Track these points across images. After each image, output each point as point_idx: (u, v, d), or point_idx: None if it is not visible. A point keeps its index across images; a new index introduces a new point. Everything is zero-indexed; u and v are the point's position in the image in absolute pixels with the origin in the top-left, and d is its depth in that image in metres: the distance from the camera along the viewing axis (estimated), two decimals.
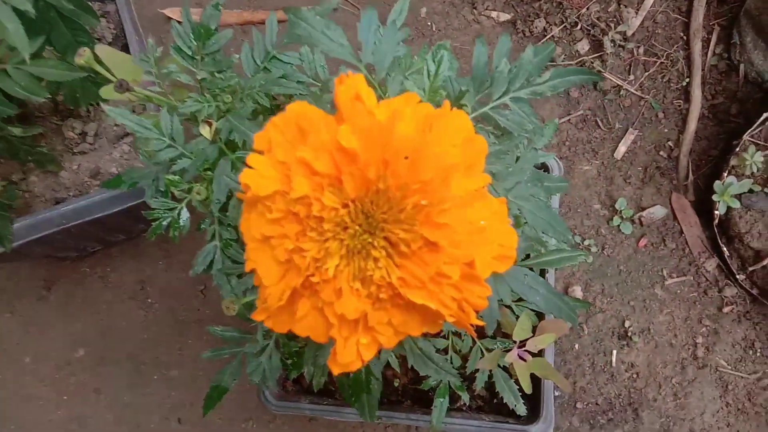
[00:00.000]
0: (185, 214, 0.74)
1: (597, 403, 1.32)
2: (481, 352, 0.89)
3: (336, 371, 0.47)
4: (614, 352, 1.34)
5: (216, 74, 0.74)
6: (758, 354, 1.32)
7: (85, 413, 1.37)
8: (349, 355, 0.45)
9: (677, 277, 1.38)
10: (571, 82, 0.67)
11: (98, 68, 0.70)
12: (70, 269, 1.42)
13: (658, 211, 1.41)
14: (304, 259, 0.43)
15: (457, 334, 0.90)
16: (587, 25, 1.50)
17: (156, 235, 0.76)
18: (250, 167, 0.43)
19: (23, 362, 1.40)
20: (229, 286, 0.74)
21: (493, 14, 1.52)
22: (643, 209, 1.41)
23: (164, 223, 0.73)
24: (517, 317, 0.87)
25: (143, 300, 1.41)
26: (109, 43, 1.10)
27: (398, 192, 0.42)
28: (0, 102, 0.82)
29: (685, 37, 1.50)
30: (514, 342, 0.86)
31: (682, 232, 1.40)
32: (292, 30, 0.58)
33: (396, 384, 1.06)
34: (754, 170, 1.28)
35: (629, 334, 1.34)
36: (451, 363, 0.90)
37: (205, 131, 0.73)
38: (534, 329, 0.87)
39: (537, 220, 0.65)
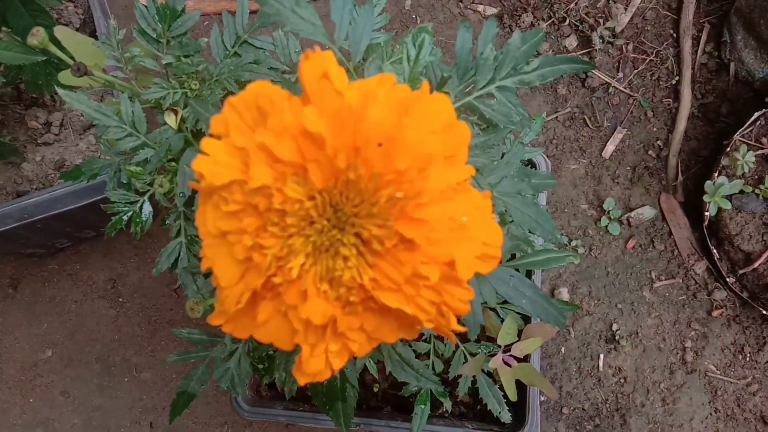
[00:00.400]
0: (147, 208, 0.69)
1: (584, 409, 1.28)
2: (465, 356, 0.85)
3: (302, 381, 0.42)
4: (601, 356, 1.30)
5: (182, 59, 0.69)
6: (748, 359, 1.29)
7: (51, 417, 1.32)
8: (317, 364, 0.41)
9: (666, 279, 1.34)
10: (561, 71, 0.63)
11: (54, 50, 0.64)
12: (38, 267, 1.36)
13: (646, 212, 1.38)
14: (264, 257, 0.38)
15: (440, 338, 0.86)
16: (575, 21, 1.47)
17: (117, 231, 0.71)
18: (204, 153, 0.38)
19: None
20: (195, 286, 0.69)
21: (480, 8, 1.47)
22: (632, 210, 1.38)
23: (125, 217, 0.68)
24: (502, 320, 0.83)
25: (114, 299, 1.36)
26: (77, 29, 1.05)
27: (371, 183, 0.38)
28: None
29: (674, 35, 1.47)
30: (499, 346, 0.82)
31: (671, 233, 1.37)
32: (261, 8, 0.53)
33: (375, 389, 1.01)
34: (746, 170, 1.25)
35: (617, 337, 1.30)
36: (433, 368, 0.86)
37: (170, 119, 0.68)
38: (520, 333, 0.83)
39: (524, 218, 0.61)
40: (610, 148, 1.42)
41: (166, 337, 1.33)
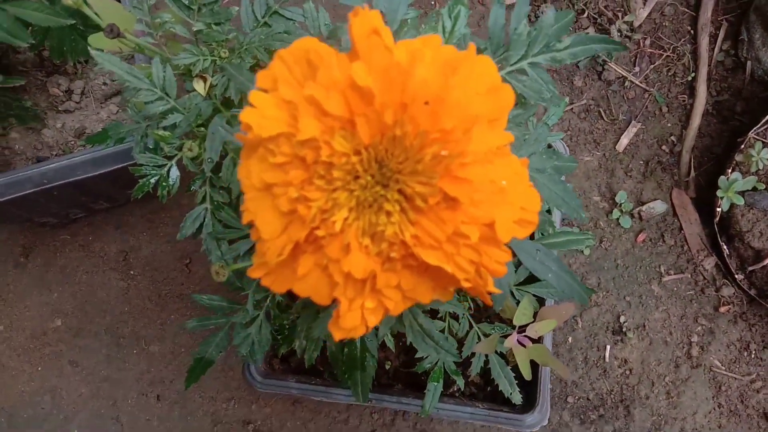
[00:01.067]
0: (175, 173, 0.70)
1: (588, 398, 1.29)
2: (478, 336, 0.86)
3: (338, 336, 0.43)
4: (608, 347, 1.31)
5: (213, 26, 0.69)
6: (753, 356, 1.30)
7: (59, 386, 1.32)
8: (354, 320, 0.41)
9: (675, 274, 1.35)
10: (593, 50, 0.63)
11: (87, 11, 0.65)
12: (50, 236, 1.37)
13: (658, 207, 1.38)
14: (309, 209, 0.39)
15: (454, 317, 0.87)
16: (594, 14, 1.47)
17: (143, 194, 0.71)
18: (252, 106, 0.39)
19: None
20: (219, 252, 0.69)
21: None
22: (643, 204, 1.38)
23: (152, 180, 0.69)
24: (518, 302, 0.83)
25: (125, 271, 1.36)
26: None
27: (416, 140, 0.38)
28: None
29: (692, 31, 1.47)
30: (513, 327, 0.83)
31: (681, 228, 1.37)
32: None
33: (387, 366, 1.02)
34: (760, 167, 1.26)
35: (624, 329, 1.31)
36: None
37: (199, 86, 0.68)
38: (534, 315, 0.83)
39: (551, 195, 0.61)
40: (624, 141, 1.42)
41: (176, 310, 1.34)
